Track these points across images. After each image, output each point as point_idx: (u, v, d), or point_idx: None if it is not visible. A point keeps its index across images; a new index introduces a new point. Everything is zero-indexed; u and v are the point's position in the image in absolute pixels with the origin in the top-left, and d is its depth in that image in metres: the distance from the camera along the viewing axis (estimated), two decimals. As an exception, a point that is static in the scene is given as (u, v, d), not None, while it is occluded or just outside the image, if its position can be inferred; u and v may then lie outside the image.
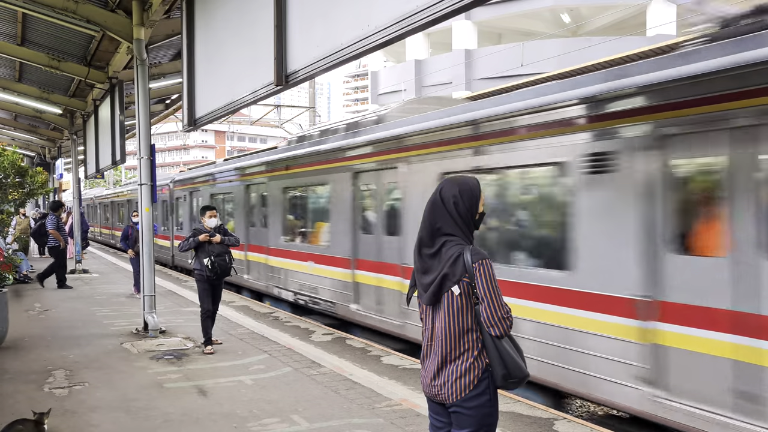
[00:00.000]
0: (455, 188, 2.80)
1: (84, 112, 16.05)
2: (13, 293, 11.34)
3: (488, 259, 2.71)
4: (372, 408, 5.52)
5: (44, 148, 25.38)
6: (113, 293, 12.98)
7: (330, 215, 9.94)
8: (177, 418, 5.27)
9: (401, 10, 3.60)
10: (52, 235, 13.35)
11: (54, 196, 24.35)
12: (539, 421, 5.27)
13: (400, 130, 8.08)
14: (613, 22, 30.08)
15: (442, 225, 2.77)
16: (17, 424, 4.49)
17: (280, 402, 5.71)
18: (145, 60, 9.00)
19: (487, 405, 2.71)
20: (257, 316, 10.31)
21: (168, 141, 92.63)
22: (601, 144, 5.33)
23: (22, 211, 18.19)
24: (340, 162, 9.46)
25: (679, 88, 4.70)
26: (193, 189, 17.42)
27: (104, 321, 9.70)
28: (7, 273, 8.32)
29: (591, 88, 5.41)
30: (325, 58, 4.46)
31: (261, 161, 12.79)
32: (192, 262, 7.82)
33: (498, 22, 32.32)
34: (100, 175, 15.82)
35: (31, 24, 10.80)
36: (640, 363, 4.98)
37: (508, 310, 2.70)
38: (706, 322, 4.54)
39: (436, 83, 32.10)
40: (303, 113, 28.26)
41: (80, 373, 6.69)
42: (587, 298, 5.48)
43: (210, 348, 7.62)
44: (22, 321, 9.55)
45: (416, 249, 2.87)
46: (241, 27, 6.05)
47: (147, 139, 8.98)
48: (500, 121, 6.41)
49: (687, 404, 4.66)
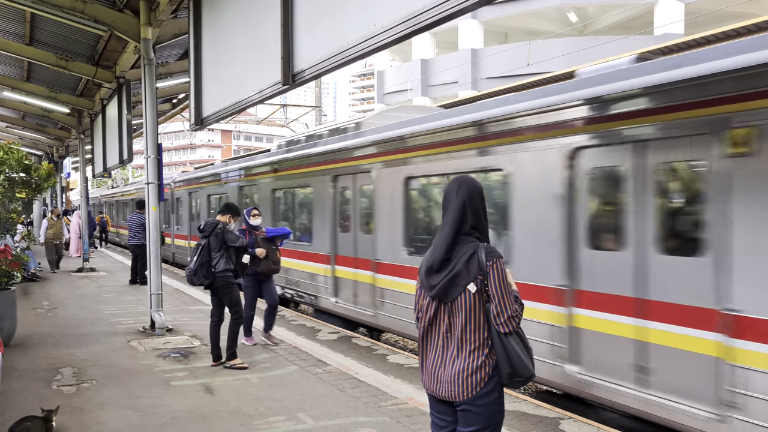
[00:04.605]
0: (469, 187, 2.84)
1: (91, 112, 16.14)
2: (21, 291, 11.41)
3: (502, 259, 2.75)
4: (378, 406, 5.54)
5: (52, 147, 25.54)
6: (120, 291, 13.05)
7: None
8: (184, 416, 5.29)
9: (408, 9, 3.60)
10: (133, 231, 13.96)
11: (60, 192, 24.53)
12: (545, 420, 5.26)
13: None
14: (620, 21, 30.00)
15: (461, 223, 2.80)
16: (26, 420, 4.53)
17: (286, 400, 5.73)
18: (153, 59, 9.04)
19: (496, 403, 2.73)
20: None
21: (175, 140, 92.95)
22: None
23: (56, 212, 17.49)
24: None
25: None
26: (192, 190, 17.99)
27: (111, 319, 9.75)
28: (16, 271, 8.39)
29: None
30: (331, 57, 4.46)
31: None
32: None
33: (504, 21, 32.28)
34: (107, 174, 15.94)
35: (40, 24, 10.86)
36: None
37: (516, 309, 2.72)
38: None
39: (443, 82, 32.10)
40: (309, 112, 28.31)
41: (88, 370, 6.73)
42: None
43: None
44: (30, 319, 9.62)
45: (433, 246, 2.88)
46: (247, 26, 6.07)
47: (154, 138, 9.02)
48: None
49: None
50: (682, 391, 4.75)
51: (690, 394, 4.70)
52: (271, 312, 8.07)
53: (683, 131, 4.71)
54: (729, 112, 4.38)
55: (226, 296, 6.89)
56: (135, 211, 14.31)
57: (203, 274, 6.77)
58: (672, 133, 4.77)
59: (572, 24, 31.05)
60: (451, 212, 2.83)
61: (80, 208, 18.18)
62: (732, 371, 4.39)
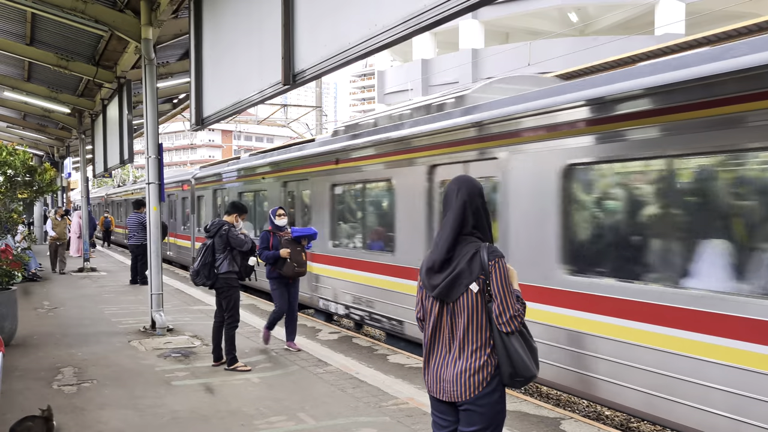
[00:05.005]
0: (469, 187, 2.85)
1: (92, 112, 16.15)
2: (22, 291, 11.42)
3: (503, 258, 2.76)
4: (379, 406, 5.53)
5: (53, 147, 25.56)
6: (121, 291, 13.05)
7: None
8: (185, 416, 5.30)
9: (408, 9, 3.60)
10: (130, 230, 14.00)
11: (62, 195, 24.54)
12: (546, 420, 5.26)
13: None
14: (621, 21, 29.99)
15: (461, 224, 2.80)
16: (27, 420, 4.53)
17: (286, 400, 5.73)
18: (153, 60, 9.04)
19: (498, 403, 2.74)
20: (263, 315, 10.34)
21: (175, 140, 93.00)
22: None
23: (60, 211, 17.29)
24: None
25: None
26: (218, 187, 15.76)
27: (112, 319, 9.76)
28: (17, 271, 8.39)
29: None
30: (332, 57, 4.46)
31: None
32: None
33: (505, 22, 32.27)
34: (108, 174, 15.93)
35: (40, 24, 10.87)
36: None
37: (519, 309, 2.72)
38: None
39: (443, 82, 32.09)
40: (309, 113, 28.32)
41: (88, 370, 6.73)
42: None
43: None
44: (31, 319, 9.62)
45: (433, 246, 2.89)
46: (248, 26, 6.07)
47: (155, 138, 9.02)
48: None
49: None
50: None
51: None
52: (291, 319, 7.73)
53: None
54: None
55: (225, 298, 6.87)
56: (133, 211, 14.32)
57: (205, 275, 6.76)
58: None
59: (573, 24, 31.04)
60: (451, 213, 2.83)
61: (81, 208, 18.20)
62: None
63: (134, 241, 13.91)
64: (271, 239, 7.52)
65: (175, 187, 19.90)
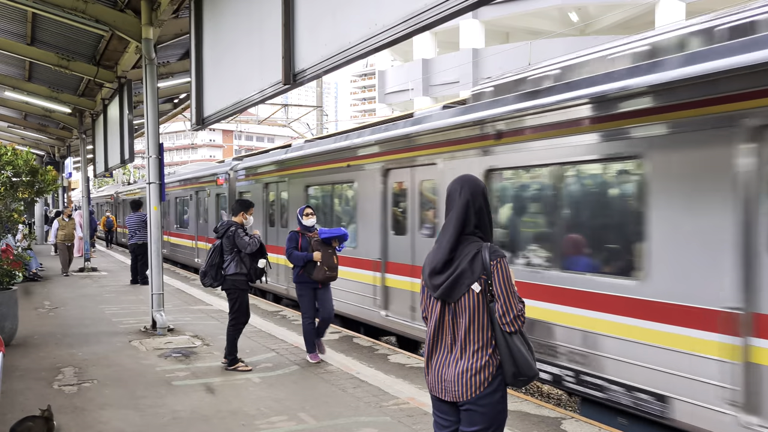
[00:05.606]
0: (472, 187, 2.84)
1: (93, 112, 16.15)
2: (22, 291, 11.43)
3: (505, 258, 2.76)
4: (379, 406, 5.53)
5: (53, 147, 25.57)
6: (122, 291, 13.05)
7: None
8: (185, 416, 5.29)
9: (409, 8, 3.60)
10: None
11: (63, 195, 24.55)
12: (547, 420, 5.26)
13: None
14: (622, 20, 29.94)
15: (464, 223, 2.79)
16: (27, 420, 4.53)
17: (287, 400, 5.73)
18: (154, 59, 9.04)
19: (499, 402, 2.74)
20: (264, 315, 10.35)
21: (176, 140, 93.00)
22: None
23: (66, 212, 16.88)
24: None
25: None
26: (271, 180, 12.81)
27: (113, 319, 9.76)
28: (17, 271, 8.39)
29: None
30: (332, 56, 4.46)
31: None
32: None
33: (505, 21, 32.22)
34: (108, 174, 15.92)
35: (41, 24, 10.87)
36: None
37: (521, 308, 2.72)
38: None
39: (444, 82, 32.08)
40: (310, 112, 28.32)
41: (89, 370, 6.73)
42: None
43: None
44: (31, 319, 9.63)
45: (436, 245, 2.88)
46: (249, 26, 6.07)
47: (155, 138, 9.02)
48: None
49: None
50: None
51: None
52: (325, 325, 7.29)
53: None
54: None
55: (231, 299, 6.85)
56: (132, 212, 14.28)
57: (212, 276, 6.74)
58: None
59: (573, 24, 31.01)
60: (454, 212, 2.82)
61: (81, 208, 18.18)
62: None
63: (134, 240, 13.95)
64: (300, 240, 7.11)
65: (207, 182, 16.90)
